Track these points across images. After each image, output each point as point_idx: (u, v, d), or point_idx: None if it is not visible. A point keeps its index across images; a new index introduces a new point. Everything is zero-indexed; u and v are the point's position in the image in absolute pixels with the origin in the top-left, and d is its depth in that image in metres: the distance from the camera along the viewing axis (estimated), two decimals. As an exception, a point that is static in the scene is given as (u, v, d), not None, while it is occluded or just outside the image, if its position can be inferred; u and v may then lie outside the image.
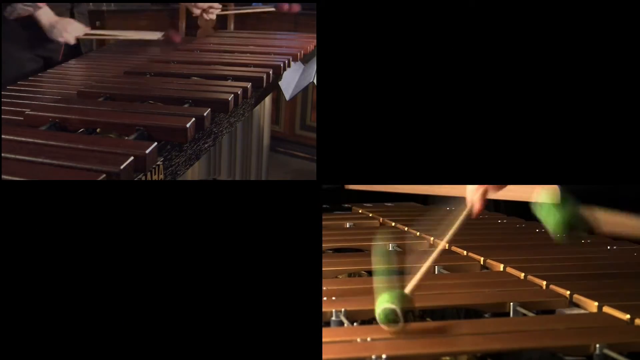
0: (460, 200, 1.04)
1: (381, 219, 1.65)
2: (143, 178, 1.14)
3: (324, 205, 1.81)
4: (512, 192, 1.35)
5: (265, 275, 1.05)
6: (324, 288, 0.97)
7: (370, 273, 1.12)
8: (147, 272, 1.05)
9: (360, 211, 1.79)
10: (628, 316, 0.81)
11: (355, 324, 0.85)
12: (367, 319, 0.85)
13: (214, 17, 2.42)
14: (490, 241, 1.29)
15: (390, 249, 1.27)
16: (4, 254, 1.04)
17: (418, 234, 1.36)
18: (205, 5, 2.38)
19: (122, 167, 1.03)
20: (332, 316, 0.86)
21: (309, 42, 2.29)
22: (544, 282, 0.98)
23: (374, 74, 1.26)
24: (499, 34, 1.24)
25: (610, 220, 1.00)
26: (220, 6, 2.43)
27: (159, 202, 1.06)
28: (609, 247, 1.24)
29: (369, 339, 0.74)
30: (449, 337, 0.76)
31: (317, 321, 0.90)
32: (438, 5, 1.24)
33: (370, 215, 1.72)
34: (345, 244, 1.28)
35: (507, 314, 0.89)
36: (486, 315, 0.90)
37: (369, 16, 1.26)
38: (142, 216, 1.06)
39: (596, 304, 0.88)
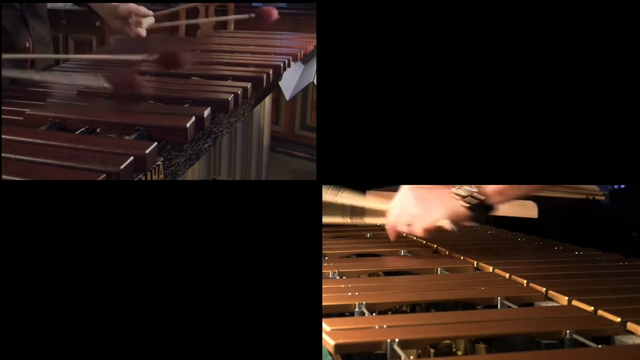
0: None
1: None
2: (143, 178, 1.13)
3: None
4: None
5: (265, 275, 1.06)
6: (349, 285, 1.10)
7: (386, 274, 1.29)
8: (147, 272, 1.05)
9: (378, 224, 1.97)
10: (592, 308, 0.96)
11: (374, 314, 0.99)
12: (384, 310, 1.02)
13: (144, 32, 1.92)
14: (481, 248, 1.48)
15: (402, 254, 1.46)
16: (3, 254, 1.04)
17: (424, 242, 1.53)
18: (138, 16, 1.88)
19: (122, 167, 1.03)
20: (355, 308, 1.00)
21: (309, 42, 2.29)
22: (525, 281, 1.14)
23: (374, 73, 1.26)
24: (500, 33, 1.24)
25: None
26: (152, 18, 1.93)
27: (159, 202, 1.06)
28: (576, 252, 1.43)
29: (385, 326, 0.87)
30: (449, 325, 0.90)
31: (317, 322, 0.93)
32: (438, 4, 1.24)
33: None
34: (366, 250, 1.49)
35: (495, 306, 1.04)
36: (478, 307, 1.05)
37: (369, 16, 1.26)
38: (142, 216, 1.06)
39: (566, 298, 1.02)
